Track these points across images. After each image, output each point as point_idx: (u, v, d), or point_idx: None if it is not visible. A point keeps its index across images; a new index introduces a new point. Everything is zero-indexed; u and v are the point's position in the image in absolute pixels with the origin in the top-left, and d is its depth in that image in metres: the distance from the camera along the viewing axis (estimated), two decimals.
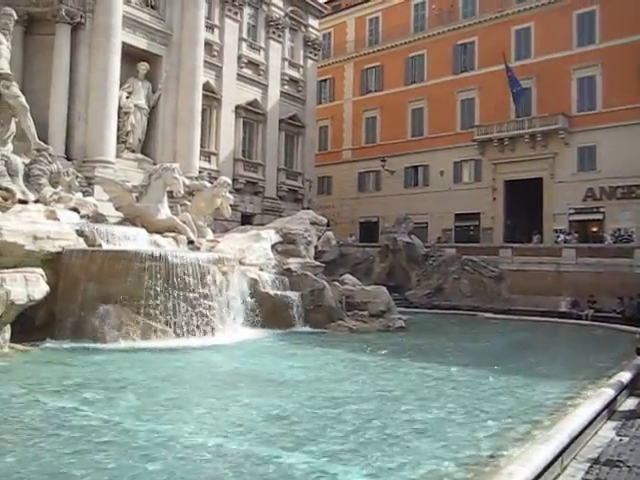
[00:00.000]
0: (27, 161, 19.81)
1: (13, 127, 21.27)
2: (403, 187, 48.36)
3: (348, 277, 23.62)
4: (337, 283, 21.75)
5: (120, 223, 18.94)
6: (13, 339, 12.45)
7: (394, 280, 32.31)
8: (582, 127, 39.87)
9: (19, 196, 17.47)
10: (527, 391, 10.44)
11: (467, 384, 11.00)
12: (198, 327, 14.99)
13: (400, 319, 20.97)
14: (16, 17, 22.27)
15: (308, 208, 32.50)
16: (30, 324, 13.29)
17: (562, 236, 37.66)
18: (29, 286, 12.33)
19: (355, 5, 53.96)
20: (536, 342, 19.69)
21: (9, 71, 21.28)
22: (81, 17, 24.90)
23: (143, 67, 27.59)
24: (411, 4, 49.54)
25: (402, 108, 48.75)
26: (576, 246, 34.08)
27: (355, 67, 52.55)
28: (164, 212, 19.47)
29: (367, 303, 21.27)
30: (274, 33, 37.56)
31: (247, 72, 35.86)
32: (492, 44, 43.30)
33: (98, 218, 19.00)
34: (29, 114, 21.33)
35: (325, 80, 52.20)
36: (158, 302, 14.40)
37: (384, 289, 22.54)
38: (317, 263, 22.10)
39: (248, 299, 17.58)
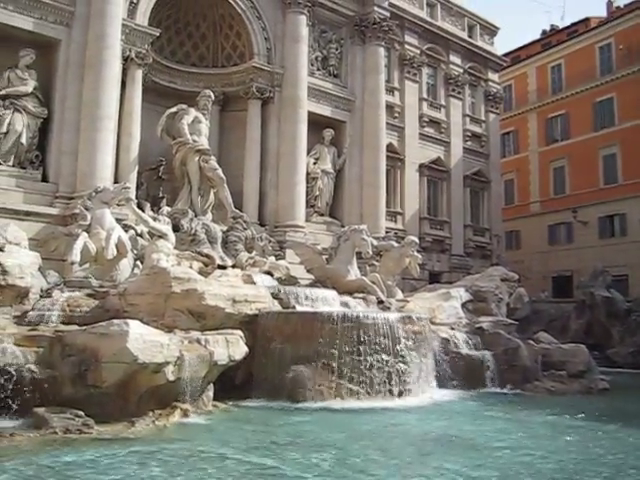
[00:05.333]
0: (224, 228, 21.23)
1: (212, 197, 23.12)
2: (598, 238, 45.54)
3: (543, 335, 22.45)
4: (531, 341, 20.74)
5: (311, 285, 19.48)
6: (215, 397, 13.07)
7: (593, 338, 30.18)
8: None
9: (218, 262, 18.65)
10: None
11: None
12: (390, 387, 14.84)
13: (603, 380, 19.49)
14: (213, 98, 24.35)
15: (497, 264, 31.58)
16: (230, 383, 13.89)
17: None
18: (230, 347, 12.93)
19: (535, 54, 52.80)
20: None
21: (208, 147, 23.19)
22: (270, 92, 26.49)
23: (328, 133, 28.66)
24: (596, 47, 47.54)
25: (592, 155, 46.39)
26: None
27: (539, 117, 51.05)
28: (353, 273, 19.77)
29: (565, 362, 20.00)
30: (454, 90, 37.58)
31: (429, 131, 36.03)
32: None
33: (290, 280, 19.75)
34: (226, 185, 23.07)
35: (508, 133, 51.22)
36: (350, 362, 14.50)
37: (583, 347, 21.14)
38: (510, 321, 21.29)
39: (440, 359, 17.21)
